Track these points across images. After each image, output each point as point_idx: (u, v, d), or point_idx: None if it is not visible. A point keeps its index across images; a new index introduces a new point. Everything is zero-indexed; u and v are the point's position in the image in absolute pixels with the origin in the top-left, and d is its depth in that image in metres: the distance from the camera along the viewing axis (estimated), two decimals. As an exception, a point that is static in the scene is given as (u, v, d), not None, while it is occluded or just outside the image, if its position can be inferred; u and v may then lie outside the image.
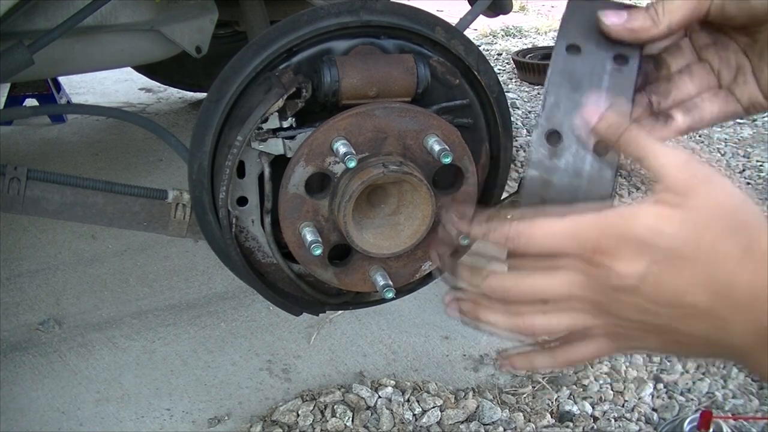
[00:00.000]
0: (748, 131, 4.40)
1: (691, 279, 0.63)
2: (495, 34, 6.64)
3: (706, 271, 0.63)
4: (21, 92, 3.80)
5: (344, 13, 1.23)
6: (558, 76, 0.73)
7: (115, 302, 2.46)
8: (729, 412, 2.05)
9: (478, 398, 2.05)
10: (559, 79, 0.73)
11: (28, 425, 1.93)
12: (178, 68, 3.73)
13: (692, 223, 0.63)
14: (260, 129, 1.21)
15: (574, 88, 0.73)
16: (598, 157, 0.73)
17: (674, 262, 0.64)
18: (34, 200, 1.42)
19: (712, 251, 0.63)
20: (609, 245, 0.66)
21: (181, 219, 1.46)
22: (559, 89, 0.73)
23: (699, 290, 0.63)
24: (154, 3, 1.85)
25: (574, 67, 0.73)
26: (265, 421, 1.96)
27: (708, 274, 0.63)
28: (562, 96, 0.73)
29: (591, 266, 0.67)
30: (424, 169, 1.23)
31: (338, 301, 1.43)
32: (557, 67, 0.73)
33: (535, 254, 0.72)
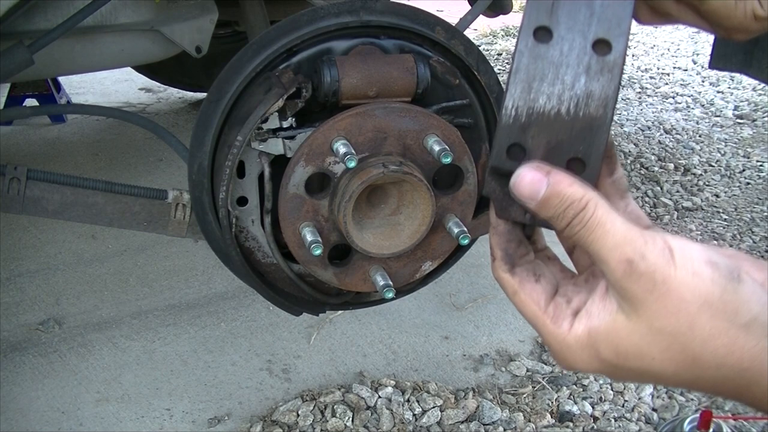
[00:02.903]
0: (748, 131, 4.40)
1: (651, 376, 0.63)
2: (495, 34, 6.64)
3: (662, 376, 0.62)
4: (21, 92, 3.80)
5: (344, 13, 1.23)
6: (520, 84, 0.60)
7: (115, 302, 2.46)
8: (729, 412, 2.05)
9: (478, 398, 2.05)
10: (521, 89, 0.60)
11: (28, 425, 1.93)
12: (178, 68, 3.73)
13: (645, 341, 0.60)
14: (260, 129, 1.21)
15: (537, 94, 0.60)
16: None
17: (641, 376, 0.63)
18: (34, 200, 1.42)
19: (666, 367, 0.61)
20: (580, 363, 0.64)
21: (181, 219, 1.46)
22: (521, 94, 0.60)
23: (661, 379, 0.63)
24: (153, 3, 1.85)
25: (540, 65, 0.60)
26: (265, 421, 1.96)
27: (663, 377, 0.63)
28: (523, 103, 0.60)
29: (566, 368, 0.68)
30: (424, 169, 1.23)
31: (338, 301, 1.43)
32: (521, 66, 0.60)
33: None
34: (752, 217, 3.35)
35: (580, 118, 0.60)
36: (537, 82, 0.61)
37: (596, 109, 0.60)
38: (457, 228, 1.26)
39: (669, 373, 0.60)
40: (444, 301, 2.51)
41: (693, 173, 3.79)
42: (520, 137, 0.61)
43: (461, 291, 2.58)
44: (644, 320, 0.59)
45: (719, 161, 3.95)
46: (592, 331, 0.62)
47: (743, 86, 5.17)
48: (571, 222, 0.60)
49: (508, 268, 0.68)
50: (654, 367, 0.60)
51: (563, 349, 0.64)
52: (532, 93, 0.61)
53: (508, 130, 0.61)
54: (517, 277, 0.68)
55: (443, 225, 1.28)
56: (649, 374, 0.62)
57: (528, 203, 0.61)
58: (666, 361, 0.59)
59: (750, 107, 4.81)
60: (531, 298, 0.66)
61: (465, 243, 1.27)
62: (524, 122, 0.61)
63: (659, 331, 0.58)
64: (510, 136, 0.61)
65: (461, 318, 2.44)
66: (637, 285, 0.58)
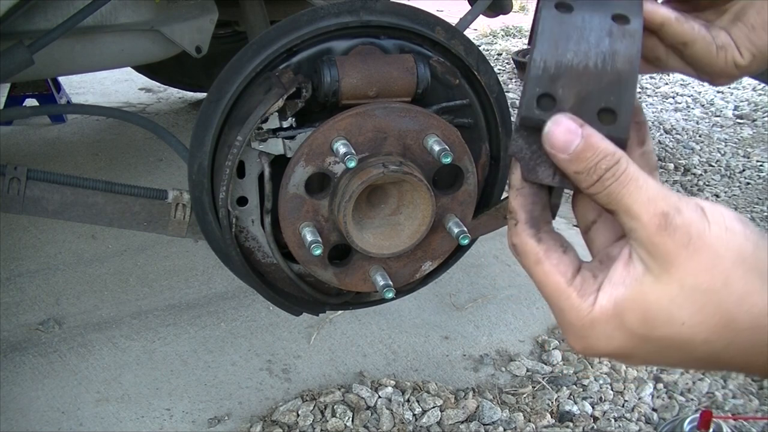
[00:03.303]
0: (748, 131, 4.40)
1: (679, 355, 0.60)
2: (495, 34, 6.65)
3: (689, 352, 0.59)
4: (21, 92, 3.80)
5: (344, 13, 1.23)
6: (546, 42, 0.61)
7: (115, 302, 2.46)
8: (729, 412, 2.05)
9: (478, 398, 2.05)
10: (548, 45, 0.61)
11: (28, 425, 1.93)
12: (178, 68, 3.73)
13: (676, 303, 0.56)
14: (260, 129, 1.21)
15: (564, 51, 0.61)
16: None
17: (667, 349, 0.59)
18: (34, 200, 1.42)
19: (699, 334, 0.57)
20: (603, 340, 0.60)
21: (181, 219, 1.46)
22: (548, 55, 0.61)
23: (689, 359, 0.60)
24: (153, 3, 1.85)
25: (565, 28, 0.62)
26: (265, 421, 1.96)
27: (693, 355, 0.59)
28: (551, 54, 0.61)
29: (584, 352, 0.63)
30: (424, 169, 1.23)
31: (338, 301, 1.43)
32: (546, 28, 0.62)
33: None
34: (752, 217, 3.35)
35: (608, 72, 0.61)
36: (563, 41, 0.61)
37: (623, 65, 0.61)
38: (457, 228, 1.26)
39: (699, 341, 0.57)
40: (444, 301, 2.51)
41: (693, 173, 3.79)
42: (550, 87, 0.61)
43: (461, 291, 2.58)
44: (676, 279, 0.56)
45: (719, 161, 3.95)
46: (618, 299, 0.58)
47: (743, 86, 5.17)
48: (602, 176, 0.57)
49: (534, 233, 0.62)
50: (683, 334, 0.57)
51: (585, 325, 0.59)
52: (559, 49, 0.61)
53: (537, 80, 0.61)
54: (543, 245, 0.62)
55: (443, 225, 1.28)
56: (677, 344, 0.58)
57: (559, 155, 0.58)
58: (697, 326, 0.56)
59: (750, 107, 4.81)
60: (557, 269, 0.61)
61: (465, 243, 1.27)
62: (553, 73, 0.61)
63: (692, 289, 0.56)
64: (540, 85, 0.61)
65: (461, 318, 2.44)
66: (672, 239, 0.55)
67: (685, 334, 0.57)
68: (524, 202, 0.63)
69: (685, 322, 0.56)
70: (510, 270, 2.73)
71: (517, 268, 2.74)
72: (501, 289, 2.62)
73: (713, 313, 0.56)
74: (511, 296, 2.57)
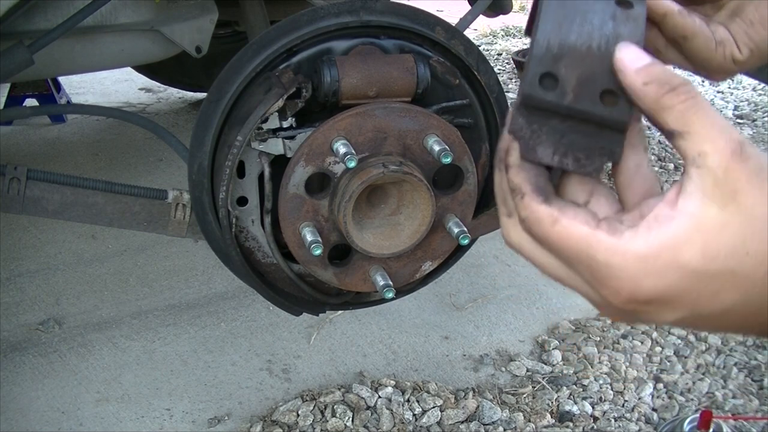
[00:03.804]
0: (748, 131, 4.40)
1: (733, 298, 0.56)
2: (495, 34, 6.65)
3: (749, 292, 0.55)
4: (21, 92, 3.80)
5: (344, 13, 1.23)
6: (550, 22, 0.61)
7: (115, 302, 2.46)
8: (729, 412, 2.05)
9: (478, 398, 2.05)
10: (551, 26, 0.60)
11: (28, 425, 1.93)
12: (178, 68, 3.73)
13: (741, 233, 0.53)
14: (260, 129, 1.21)
15: (567, 31, 0.60)
16: None
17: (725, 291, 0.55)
18: (34, 200, 1.42)
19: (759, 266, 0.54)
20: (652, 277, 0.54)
21: (181, 219, 1.46)
22: (551, 35, 0.60)
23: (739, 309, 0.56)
24: (153, 3, 1.85)
25: (568, 10, 0.61)
26: (265, 421, 1.96)
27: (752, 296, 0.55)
28: (554, 34, 0.60)
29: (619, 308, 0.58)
30: (424, 169, 1.23)
31: (338, 301, 1.43)
32: (550, 9, 0.61)
33: None
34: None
35: (611, 53, 0.60)
36: (566, 23, 0.61)
37: None
38: (457, 228, 1.26)
39: (761, 275, 0.53)
40: (444, 301, 2.51)
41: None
42: (553, 67, 0.60)
43: (461, 291, 2.58)
44: (744, 209, 0.52)
45: (719, 161, 3.95)
46: (670, 235, 0.53)
47: (743, 86, 5.17)
48: (676, 89, 0.54)
49: (543, 199, 0.58)
50: (746, 266, 0.53)
51: (629, 262, 0.54)
52: (562, 30, 0.60)
53: (540, 59, 0.60)
54: (556, 206, 0.57)
55: (443, 225, 1.28)
56: (737, 279, 0.54)
57: (628, 70, 0.56)
58: (761, 256, 0.53)
59: (750, 107, 4.81)
60: (577, 219, 0.56)
61: (465, 243, 1.28)
62: (557, 53, 0.60)
63: (760, 220, 0.52)
64: (543, 64, 0.60)
65: (461, 318, 2.44)
66: (746, 166, 0.52)
67: (748, 266, 0.54)
68: (528, 175, 0.60)
69: (749, 252, 0.53)
70: (510, 270, 2.73)
71: (517, 267, 2.74)
72: (501, 289, 2.62)
73: None
74: (511, 296, 2.57)
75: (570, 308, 2.51)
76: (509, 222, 0.62)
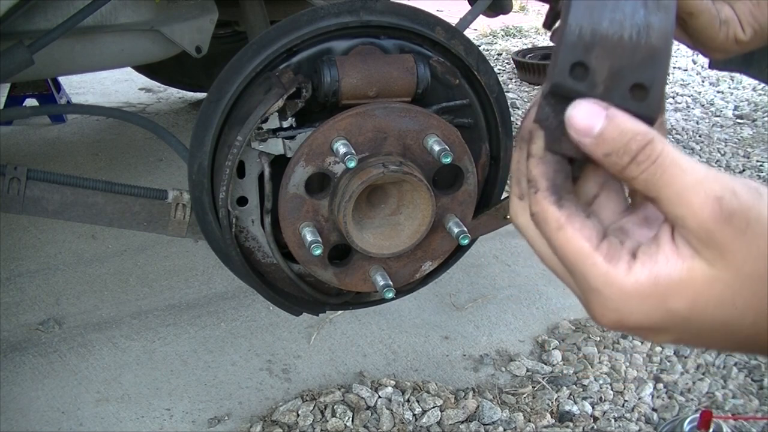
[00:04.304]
0: (748, 131, 4.40)
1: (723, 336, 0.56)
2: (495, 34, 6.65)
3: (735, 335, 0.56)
4: (21, 92, 3.81)
5: (344, 13, 1.23)
6: (582, 8, 0.59)
7: (115, 302, 2.46)
8: (729, 412, 2.05)
9: (478, 398, 2.05)
10: (583, 11, 0.59)
11: (28, 425, 1.93)
12: (178, 68, 3.73)
13: (730, 289, 0.53)
14: (260, 129, 1.21)
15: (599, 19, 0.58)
16: None
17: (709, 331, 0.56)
18: (34, 200, 1.42)
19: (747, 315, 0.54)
20: (637, 313, 0.55)
21: (181, 219, 1.46)
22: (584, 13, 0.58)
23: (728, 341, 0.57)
24: (153, 3, 1.85)
25: None
26: (265, 421, 1.96)
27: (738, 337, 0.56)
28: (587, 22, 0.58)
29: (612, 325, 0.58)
30: (424, 169, 1.23)
31: (338, 301, 1.43)
32: None
33: None
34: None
35: (642, 46, 0.59)
36: (598, 9, 0.59)
37: (657, 40, 0.59)
38: (457, 228, 1.26)
39: (747, 323, 0.54)
40: (444, 301, 2.51)
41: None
42: (584, 56, 0.58)
43: (461, 291, 2.58)
44: (732, 266, 0.52)
45: (719, 161, 3.95)
46: (661, 279, 0.53)
47: (743, 86, 5.18)
48: (635, 157, 0.52)
49: (555, 200, 0.57)
50: (733, 317, 0.54)
51: (617, 296, 0.54)
52: (594, 17, 0.59)
53: (572, 47, 0.58)
54: (565, 211, 0.57)
55: (443, 225, 1.28)
56: (723, 326, 0.54)
57: (583, 140, 0.54)
58: (748, 309, 0.53)
59: (750, 107, 4.81)
60: (581, 233, 0.55)
61: (465, 243, 1.28)
62: (588, 41, 0.59)
63: (749, 277, 0.52)
64: (574, 53, 0.59)
65: (461, 318, 2.44)
66: (729, 226, 0.51)
67: (735, 317, 0.54)
68: (546, 170, 0.59)
69: (737, 305, 0.53)
70: (510, 270, 2.73)
71: (517, 268, 2.74)
72: (501, 289, 2.62)
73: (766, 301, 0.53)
74: (511, 296, 2.57)
75: (570, 308, 2.50)
76: (519, 204, 0.62)
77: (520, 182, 0.62)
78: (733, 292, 0.53)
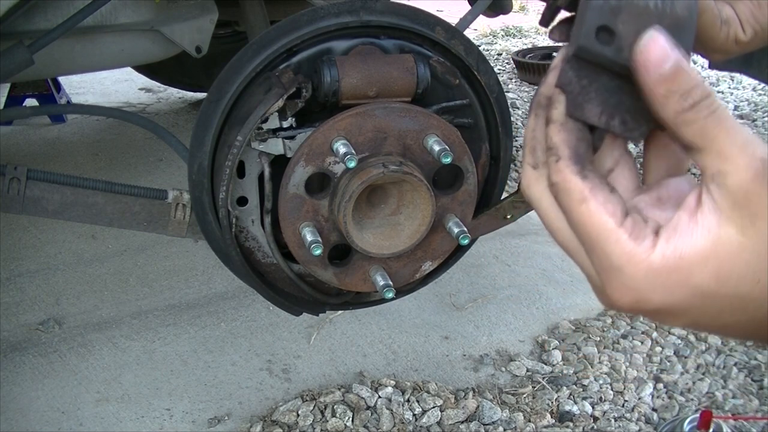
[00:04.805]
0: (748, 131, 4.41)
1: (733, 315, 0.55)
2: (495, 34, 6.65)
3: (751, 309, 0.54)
4: (21, 92, 3.81)
5: (344, 13, 1.23)
6: None
7: (115, 302, 2.46)
8: (729, 412, 2.05)
9: (478, 398, 2.05)
10: None
11: (28, 425, 1.93)
12: (178, 68, 3.74)
13: (756, 260, 0.51)
14: (260, 129, 1.21)
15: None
16: None
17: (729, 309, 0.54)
18: (34, 200, 1.42)
19: None
20: (660, 292, 0.53)
21: (181, 219, 1.46)
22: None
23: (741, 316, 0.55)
24: (153, 3, 1.85)
25: None
26: (265, 421, 1.96)
27: None
28: None
29: (619, 306, 0.57)
30: (424, 169, 1.23)
31: (338, 301, 1.43)
32: None
33: None
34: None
35: (667, 14, 0.57)
36: None
37: (682, 10, 0.57)
38: (457, 228, 1.26)
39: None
40: (444, 301, 2.51)
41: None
42: (611, 20, 0.57)
43: (461, 291, 2.58)
44: (762, 235, 0.50)
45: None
46: (687, 251, 0.52)
47: (743, 86, 5.18)
48: (698, 103, 0.51)
49: (579, 169, 0.55)
50: (755, 293, 0.52)
51: (640, 274, 0.52)
52: None
53: (599, 9, 0.57)
54: (589, 182, 0.54)
55: (443, 225, 1.28)
56: (744, 303, 0.53)
57: (651, 74, 0.52)
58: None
59: (750, 107, 4.81)
60: (605, 207, 0.53)
61: (465, 243, 1.28)
62: (614, 5, 0.57)
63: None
64: (601, 16, 0.57)
65: (461, 318, 2.44)
66: (766, 191, 0.49)
67: (756, 292, 0.52)
68: (568, 137, 0.56)
69: (761, 280, 0.52)
70: (510, 270, 2.73)
71: (517, 268, 2.74)
72: (501, 289, 2.62)
73: None
74: (511, 296, 2.57)
75: (570, 308, 2.51)
76: (533, 174, 0.59)
77: (535, 150, 0.59)
78: (759, 264, 0.51)
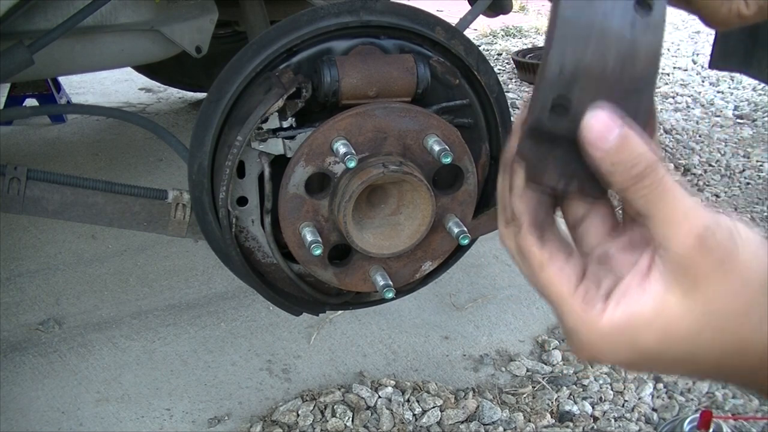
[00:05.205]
0: (748, 131, 4.40)
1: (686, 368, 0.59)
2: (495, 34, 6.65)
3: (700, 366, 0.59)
4: (21, 92, 3.80)
5: (344, 13, 1.23)
6: (564, 39, 0.56)
7: (115, 302, 2.46)
8: (729, 412, 2.05)
9: (478, 398, 2.05)
10: (565, 43, 0.56)
11: (28, 425, 1.93)
12: (178, 68, 3.73)
13: (698, 323, 0.55)
14: (260, 129, 1.21)
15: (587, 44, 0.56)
16: None
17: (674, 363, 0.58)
18: (34, 200, 1.42)
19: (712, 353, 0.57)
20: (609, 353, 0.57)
21: (181, 219, 1.46)
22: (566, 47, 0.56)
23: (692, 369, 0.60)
24: (153, 3, 1.85)
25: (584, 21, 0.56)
26: (265, 421, 1.96)
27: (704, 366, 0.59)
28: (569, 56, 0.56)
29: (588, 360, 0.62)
30: (424, 169, 1.23)
31: (338, 301, 1.43)
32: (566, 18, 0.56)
33: None
34: (752, 217, 3.35)
35: (625, 76, 0.57)
36: (582, 39, 0.57)
37: (642, 69, 0.58)
38: (457, 228, 1.26)
39: (711, 360, 0.56)
40: (444, 301, 2.51)
41: (693, 173, 3.79)
42: (567, 89, 0.57)
43: (461, 291, 2.58)
44: (702, 300, 0.54)
45: (719, 161, 3.95)
46: (634, 316, 0.55)
47: (743, 86, 5.17)
48: (642, 175, 0.53)
49: (537, 237, 0.60)
50: (697, 355, 0.56)
51: (592, 337, 0.57)
52: (577, 47, 0.57)
53: (556, 78, 0.57)
54: (547, 251, 0.59)
55: (443, 225, 1.28)
56: (687, 361, 0.57)
57: (595, 151, 0.54)
58: (713, 348, 0.55)
59: (750, 107, 4.81)
60: (561, 276, 0.58)
61: (465, 243, 1.28)
62: (569, 77, 0.57)
63: (717, 313, 0.54)
64: (558, 86, 0.57)
65: (461, 318, 2.44)
66: (707, 260, 0.53)
67: (699, 354, 0.56)
68: (528, 204, 0.61)
69: (702, 342, 0.55)
70: (510, 270, 2.73)
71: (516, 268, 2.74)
72: (501, 289, 2.62)
73: (731, 339, 0.55)
74: (511, 296, 2.57)
75: (570, 308, 2.50)
76: (505, 230, 0.64)
77: (506, 209, 0.63)
78: (701, 327, 0.55)
